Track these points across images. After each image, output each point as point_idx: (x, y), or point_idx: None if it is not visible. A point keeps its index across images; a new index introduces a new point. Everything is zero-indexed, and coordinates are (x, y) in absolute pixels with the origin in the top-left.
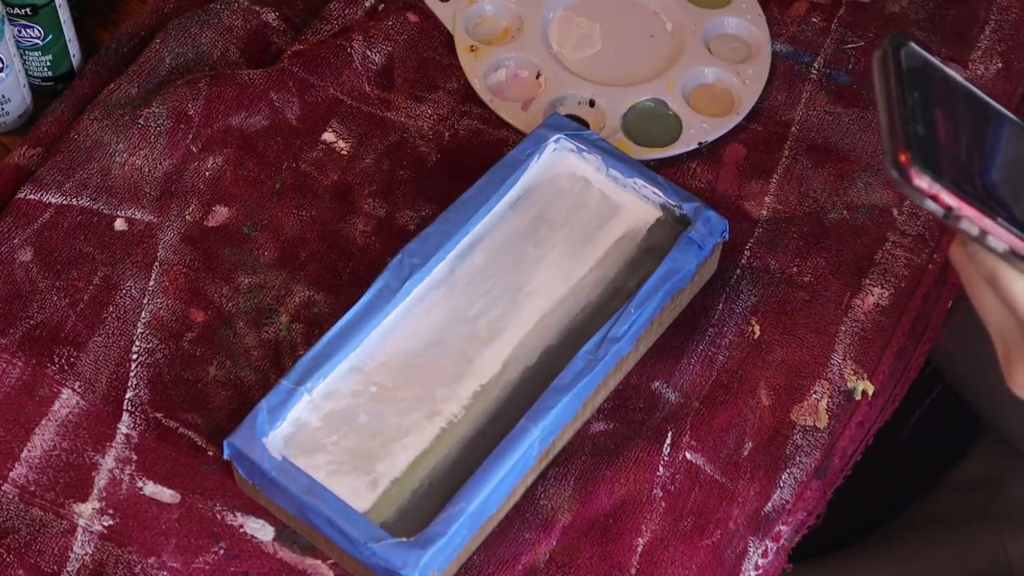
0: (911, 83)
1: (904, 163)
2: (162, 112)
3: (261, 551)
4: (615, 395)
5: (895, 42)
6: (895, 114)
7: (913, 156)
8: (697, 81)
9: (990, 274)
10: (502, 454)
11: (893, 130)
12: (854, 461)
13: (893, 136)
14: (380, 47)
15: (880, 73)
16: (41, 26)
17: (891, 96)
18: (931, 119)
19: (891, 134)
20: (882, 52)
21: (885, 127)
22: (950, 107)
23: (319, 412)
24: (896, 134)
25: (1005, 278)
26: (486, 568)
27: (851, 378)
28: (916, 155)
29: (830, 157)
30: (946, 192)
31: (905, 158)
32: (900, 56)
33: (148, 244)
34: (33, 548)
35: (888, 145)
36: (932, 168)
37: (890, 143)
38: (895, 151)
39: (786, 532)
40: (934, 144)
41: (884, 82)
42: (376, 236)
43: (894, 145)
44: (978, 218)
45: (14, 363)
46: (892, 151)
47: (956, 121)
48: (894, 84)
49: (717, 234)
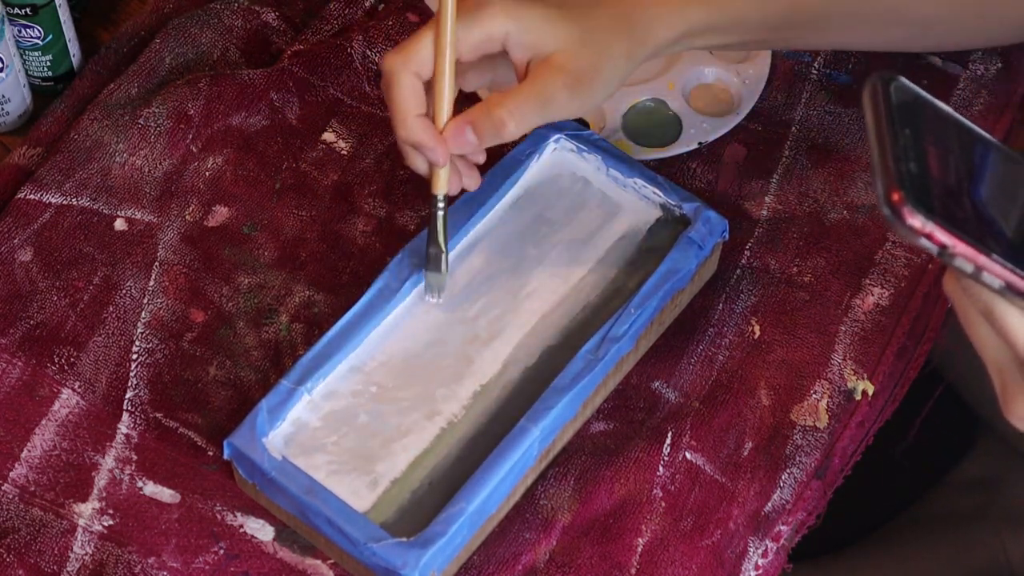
0: (902, 119)
1: (897, 202)
2: (162, 112)
3: (261, 551)
4: (615, 395)
5: (885, 79)
6: (887, 152)
7: (906, 195)
8: (697, 81)
9: (985, 308)
10: (502, 454)
11: (885, 168)
12: (854, 461)
13: (885, 175)
14: (380, 47)
15: (871, 110)
16: (41, 26)
17: (882, 133)
18: (923, 155)
19: (883, 172)
20: (871, 88)
21: (877, 165)
22: (942, 142)
23: (319, 412)
24: (888, 173)
25: (1000, 312)
26: (486, 568)
27: (851, 378)
28: (909, 194)
29: (830, 157)
30: (940, 231)
31: (898, 197)
32: (890, 92)
33: (148, 244)
34: (33, 548)
35: (881, 184)
36: (925, 207)
37: (883, 182)
38: (888, 190)
39: (786, 532)
40: (927, 181)
41: (875, 119)
42: (376, 236)
43: (887, 184)
44: (973, 255)
45: (14, 363)
46: (885, 190)
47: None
48: (885, 121)
49: (717, 234)
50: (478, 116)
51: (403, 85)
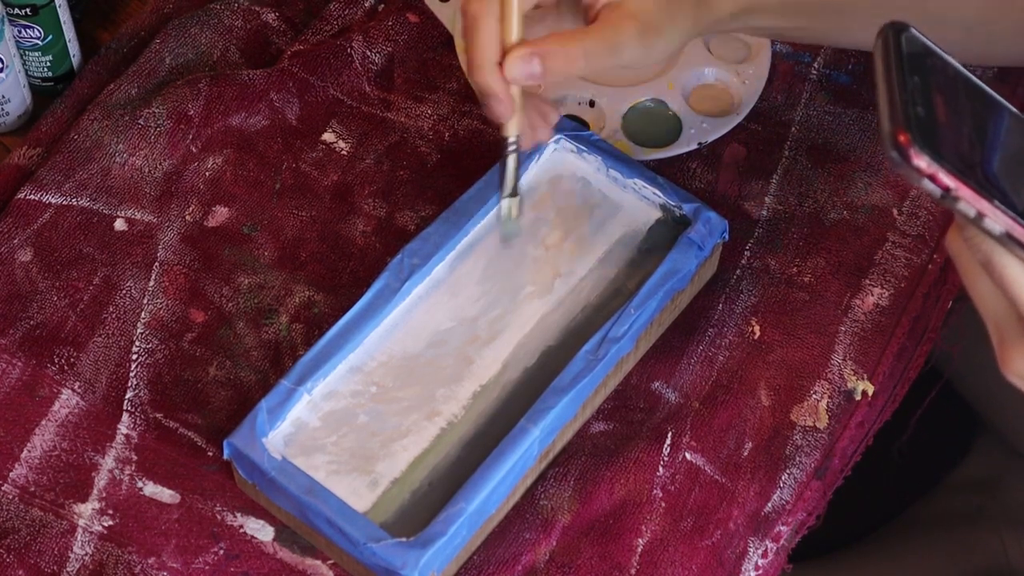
0: (911, 67)
1: (903, 143)
2: (162, 112)
3: (261, 551)
4: (615, 395)
5: (896, 27)
6: (895, 96)
7: (913, 136)
8: (697, 81)
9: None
10: (502, 454)
11: (893, 111)
12: (854, 461)
13: (893, 117)
14: (380, 47)
15: (881, 57)
16: (41, 26)
17: (891, 78)
18: (931, 103)
19: (891, 115)
20: (883, 37)
21: (885, 108)
22: (949, 93)
23: (319, 412)
24: (896, 115)
25: (1000, 262)
26: (486, 568)
27: (851, 378)
28: (915, 135)
29: (830, 157)
30: (944, 172)
31: (904, 138)
32: (901, 41)
33: (148, 244)
34: (33, 548)
35: (887, 126)
36: (931, 148)
37: (890, 124)
38: (894, 131)
39: (786, 532)
40: (933, 126)
41: (884, 65)
42: (376, 236)
43: (894, 125)
44: (975, 199)
45: (14, 363)
46: (891, 131)
47: (955, 107)
48: (894, 67)
49: (717, 234)
50: (550, 47)
51: (488, 30)
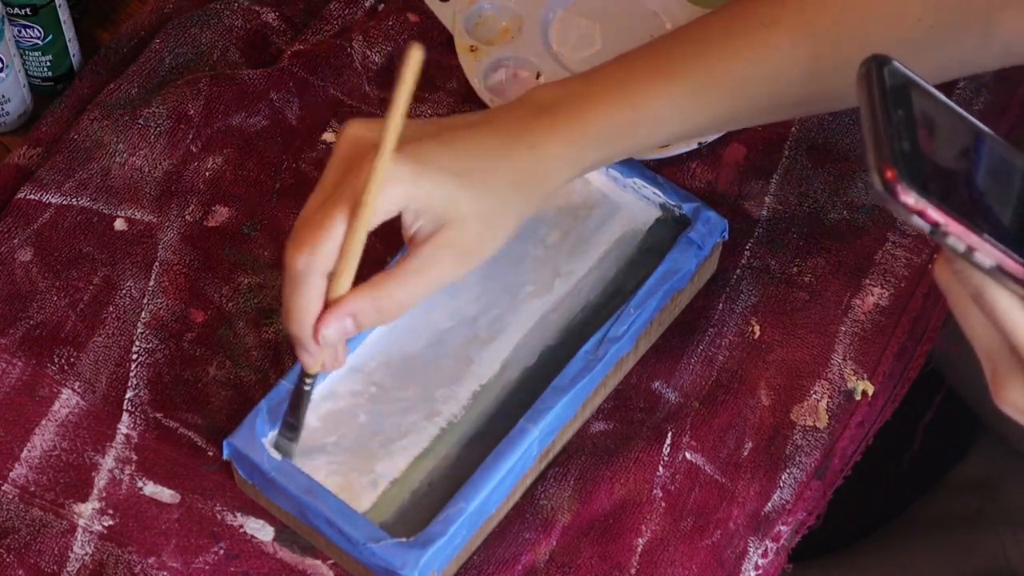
0: (895, 101)
1: (891, 179)
2: (162, 112)
3: (261, 551)
4: (615, 395)
5: (879, 60)
6: (880, 130)
7: (900, 172)
8: None
9: (976, 291)
10: (502, 454)
11: (879, 146)
12: (854, 461)
13: (879, 152)
14: (380, 47)
15: (864, 91)
16: (41, 26)
17: (875, 112)
18: (916, 136)
19: (876, 150)
20: (865, 70)
21: (870, 144)
22: (934, 125)
23: (319, 412)
24: (882, 150)
25: (991, 295)
26: (486, 568)
27: (851, 378)
28: (902, 171)
29: (830, 157)
30: (933, 208)
31: (892, 174)
32: (884, 74)
33: (148, 244)
34: (33, 548)
35: (874, 162)
36: (918, 184)
37: (876, 159)
38: (881, 167)
39: (786, 532)
40: (920, 161)
41: (868, 99)
42: (376, 236)
43: (880, 161)
44: (965, 234)
45: (14, 363)
46: (879, 167)
47: (940, 139)
48: (878, 101)
49: (717, 234)
50: (361, 305)
51: (312, 287)
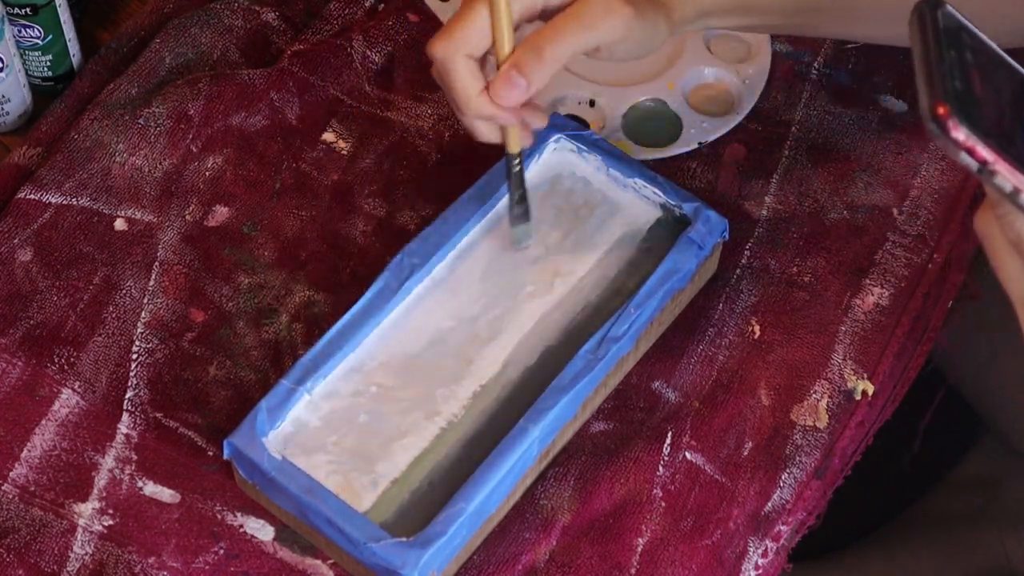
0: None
1: (942, 115)
2: (162, 112)
3: (261, 551)
4: (615, 395)
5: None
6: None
7: (952, 108)
8: (697, 81)
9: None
10: (502, 454)
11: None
12: (854, 461)
13: (931, 89)
14: (380, 47)
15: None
16: (41, 26)
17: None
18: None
19: (929, 88)
20: (919, 10)
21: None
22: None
23: (319, 412)
24: (934, 87)
25: None
26: (486, 568)
27: (851, 378)
28: (954, 107)
29: (830, 157)
30: (982, 145)
31: (944, 110)
32: (937, 16)
33: (148, 244)
34: (33, 548)
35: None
36: (969, 121)
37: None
38: (933, 104)
39: (786, 532)
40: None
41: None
42: (376, 236)
43: (933, 98)
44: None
45: (14, 363)
46: (930, 104)
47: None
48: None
49: (717, 234)
50: (520, 55)
51: (460, 68)
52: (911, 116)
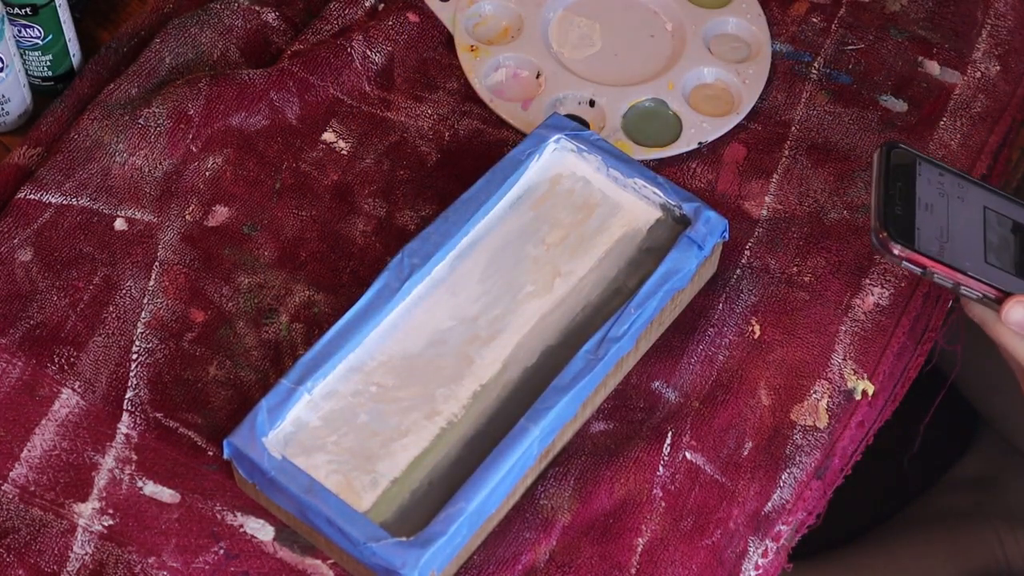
0: (896, 176)
1: (883, 237)
2: (162, 112)
3: (261, 551)
4: (615, 395)
5: (889, 145)
6: (880, 200)
7: (890, 232)
8: (697, 81)
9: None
10: (502, 454)
11: (877, 212)
12: (854, 461)
13: (876, 217)
14: (380, 47)
15: (875, 168)
16: (41, 26)
17: (879, 186)
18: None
19: (874, 215)
20: (878, 152)
21: (872, 208)
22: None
23: (319, 412)
24: (879, 215)
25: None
26: (486, 568)
27: (851, 378)
28: (892, 231)
29: (830, 157)
30: (918, 255)
31: (884, 234)
32: (890, 154)
33: (148, 244)
34: (33, 548)
35: (872, 223)
36: (905, 239)
37: (874, 221)
38: (876, 228)
39: (786, 532)
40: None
41: (876, 175)
42: (376, 236)
43: (876, 223)
44: (949, 273)
45: (14, 363)
46: (875, 228)
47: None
48: (882, 175)
49: (717, 234)
50: None
51: None
52: (911, 116)
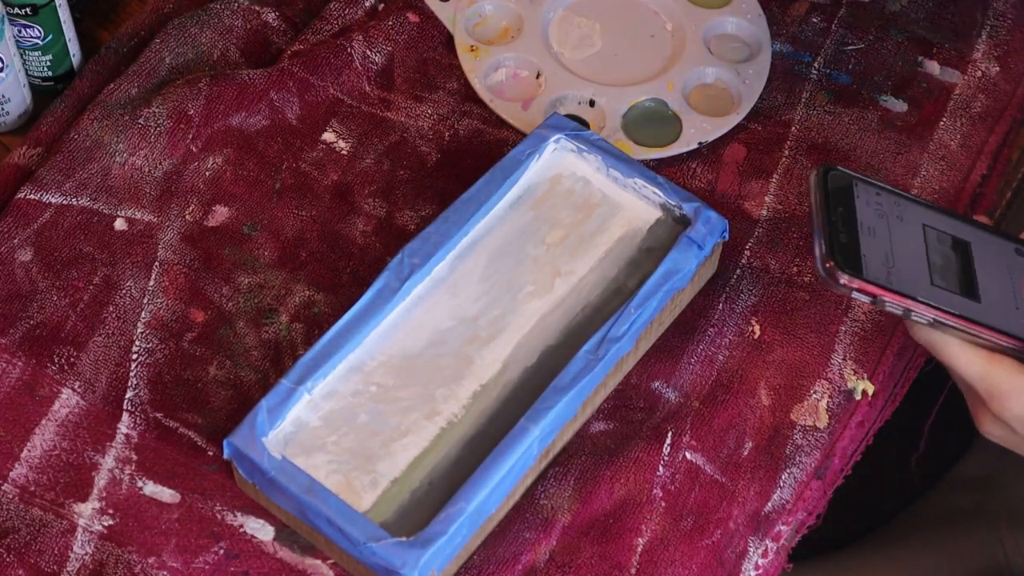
0: (836, 201)
1: (830, 267)
2: (162, 112)
3: (261, 551)
4: (615, 395)
5: (825, 168)
6: (824, 227)
7: (836, 261)
8: (697, 81)
9: (927, 343)
10: (502, 454)
11: (821, 241)
12: (854, 461)
13: (821, 246)
14: (380, 47)
15: (813, 192)
16: (41, 26)
17: (820, 212)
18: (853, 227)
19: (819, 244)
20: (814, 176)
21: (816, 238)
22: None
23: (319, 412)
24: (823, 244)
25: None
26: (486, 568)
27: (851, 378)
28: (839, 259)
29: (830, 157)
30: (868, 284)
31: (830, 264)
32: (827, 179)
33: (148, 244)
34: (33, 548)
35: (818, 253)
36: (852, 268)
37: (819, 252)
38: (823, 258)
39: (786, 532)
40: (855, 248)
41: (816, 200)
42: (376, 236)
43: (821, 253)
44: (899, 300)
45: (14, 363)
46: (821, 258)
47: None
48: (822, 202)
49: (717, 234)
50: None
51: None
52: (911, 116)
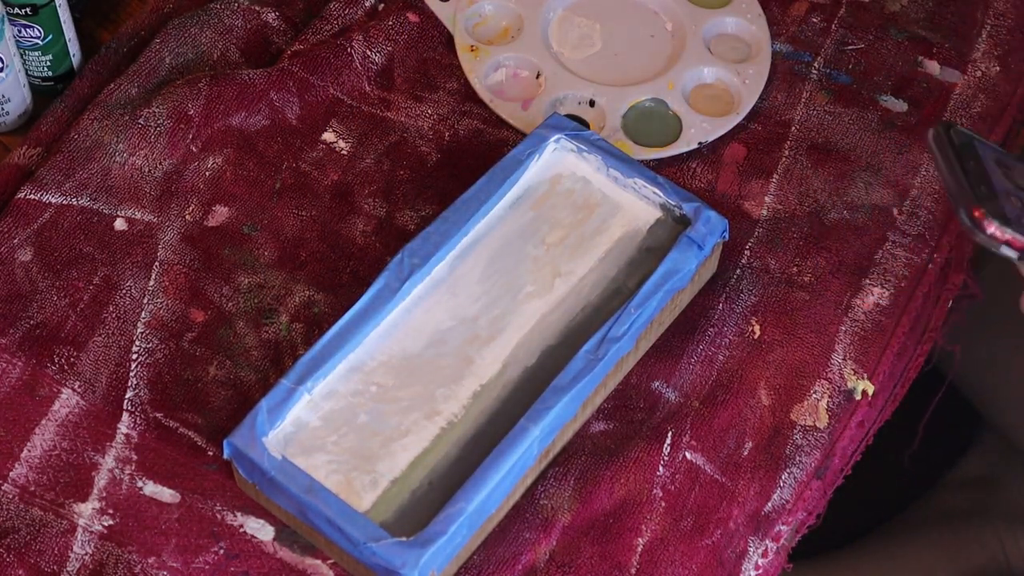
0: (965, 155)
1: (978, 217)
2: (162, 112)
3: (261, 551)
4: (615, 395)
5: (945, 125)
6: (959, 179)
7: (985, 211)
8: (697, 81)
9: None
10: (502, 454)
11: (962, 192)
12: (854, 461)
13: (963, 196)
14: (380, 47)
15: (938, 149)
16: (41, 26)
17: (952, 167)
18: (989, 180)
19: (960, 195)
20: (935, 132)
21: (954, 191)
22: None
23: (319, 412)
24: (966, 194)
25: None
26: (486, 568)
27: (851, 378)
28: (987, 209)
29: (830, 157)
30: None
31: (979, 212)
32: (951, 134)
33: (148, 244)
34: (33, 548)
35: (962, 206)
36: (1000, 218)
37: (964, 204)
38: (969, 208)
39: (786, 532)
40: (995, 199)
41: (944, 157)
42: (376, 236)
43: (967, 203)
44: None
45: (14, 363)
46: (966, 208)
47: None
48: (952, 156)
49: (717, 234)
50: None
51: None
52: (911, 116)
